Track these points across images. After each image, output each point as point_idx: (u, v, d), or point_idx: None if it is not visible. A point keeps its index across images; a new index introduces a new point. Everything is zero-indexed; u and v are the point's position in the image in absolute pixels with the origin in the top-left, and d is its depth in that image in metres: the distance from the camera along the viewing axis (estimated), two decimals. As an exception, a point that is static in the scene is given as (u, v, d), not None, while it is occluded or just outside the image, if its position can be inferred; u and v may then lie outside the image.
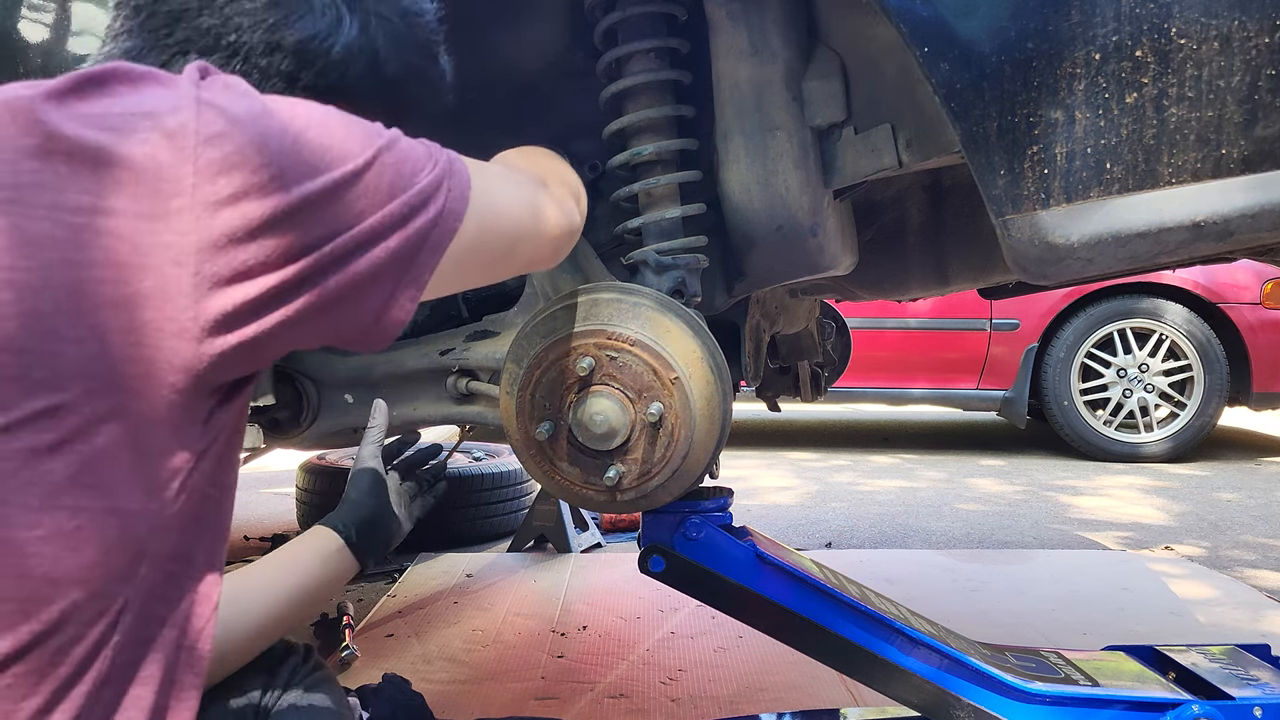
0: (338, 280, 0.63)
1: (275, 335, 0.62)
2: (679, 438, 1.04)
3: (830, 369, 2.31)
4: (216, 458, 0.65)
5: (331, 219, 0.62)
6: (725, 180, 1.17)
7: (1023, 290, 1.99)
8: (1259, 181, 0.88)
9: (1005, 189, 0.95)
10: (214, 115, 0.60)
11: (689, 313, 1.07)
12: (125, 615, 0.61)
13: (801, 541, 3.13)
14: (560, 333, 1.05)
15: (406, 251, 0.67)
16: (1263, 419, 5.90)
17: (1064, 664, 1.25)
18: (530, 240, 0.83)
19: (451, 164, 0.71)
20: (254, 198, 0.59)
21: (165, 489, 0.61)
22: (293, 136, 0.62)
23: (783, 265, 1.22)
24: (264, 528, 3.30)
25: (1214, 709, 1.13)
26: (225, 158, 0.59)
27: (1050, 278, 1.00)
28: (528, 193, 0.83)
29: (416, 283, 0.68)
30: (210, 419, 0.63)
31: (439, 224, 0.68)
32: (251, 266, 0.60)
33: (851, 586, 1.23)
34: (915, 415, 6.48)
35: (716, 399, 1.06)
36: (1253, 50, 0.86)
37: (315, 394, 1.39)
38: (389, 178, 0.66)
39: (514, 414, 1.09)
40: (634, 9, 1.14)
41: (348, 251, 0.63)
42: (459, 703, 1.74)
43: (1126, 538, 3.18)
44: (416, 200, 0.67)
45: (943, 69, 0.93)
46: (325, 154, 0.63)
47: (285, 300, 0.62)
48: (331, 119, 0.66)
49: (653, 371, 1.03)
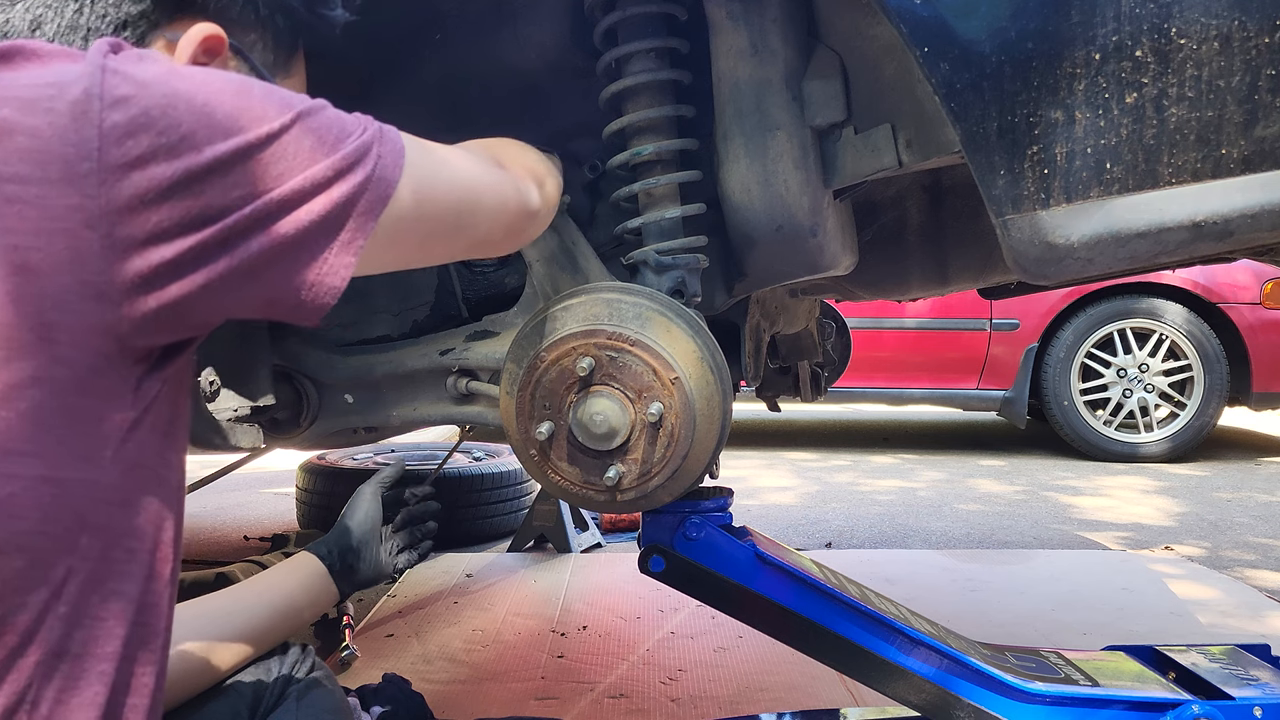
0: (260, 244, 0.63)
1: (198, 298, 0.62)
2: (679, 437, 1.04)
3: (830, 369, 2.31)
4: (156, 430, 0.65)
5: (248, 181, 0.62)
6: (725, 180, 1.17)
7: (1023, 290, 1.99)
8: (1259, 181, 0.88)
9: (1005, 189, 0.95)
10: (119, 80, 0.60)
11: (689, 313, 1.07)
12: (69, 585, 0.61)
13: (801, 541, 3.13)
14: (560, 333, 1.05)
15: (334, 216, 0.65)
16: (1263, 419, 5.90)
17: (1064, 664, 1.25)
18: (479, 218, 0.82)
19: (383, 132, 0.70)
20: (162, 160, 0.59)
21: (99, 456, 0.61)
22: (203, 99, 0.61)
23: (783, 265, 1.22)
24: (264, 528, 3.30)
25: (1214, 709, 1.13)
26: (131, 120, 0.59)
27: (1050, 278, 1.00)
28: (478, 170, 0.82)
29: (349, 248, 0.66)
30: (141, 386, 0.63)
31: (368, 189, 0.67)
32: (166, 228, 0.60)
33: (851, 586, 1.23)
34: (915, 415, 6.48)
35: (716, 399, 1.06)
36: (1253, 50, 0.86)
37: (315, 394, 1.39)
38: (310, 141, 0.65)
39: (514, 414, 1.09)
40: (634, 9, 1.14)
41: (268, 214, 0.63)
42: (459, 703, 1.74)
43: (1126, 538, 3.18)
44: (342, 164, 0.66)
45: (943, 69, 0.93)
46: (239, 117, 0.62)
47: (204, 263, 0.61)
48: (249, 86, 0.65)
49: (653, 371, 1.03)
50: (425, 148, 0.76)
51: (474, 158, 0.84)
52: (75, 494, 0.61)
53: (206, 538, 3.26)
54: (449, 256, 0.85)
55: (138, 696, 0.66)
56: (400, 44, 1.27)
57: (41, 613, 0.60)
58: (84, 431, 0.60)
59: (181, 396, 0.70)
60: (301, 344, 1.38)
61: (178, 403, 0.69)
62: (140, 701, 0.66)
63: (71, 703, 0.61)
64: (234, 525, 3.43)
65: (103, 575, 0.63)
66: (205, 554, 2.95)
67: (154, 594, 0.67)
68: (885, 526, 3.37)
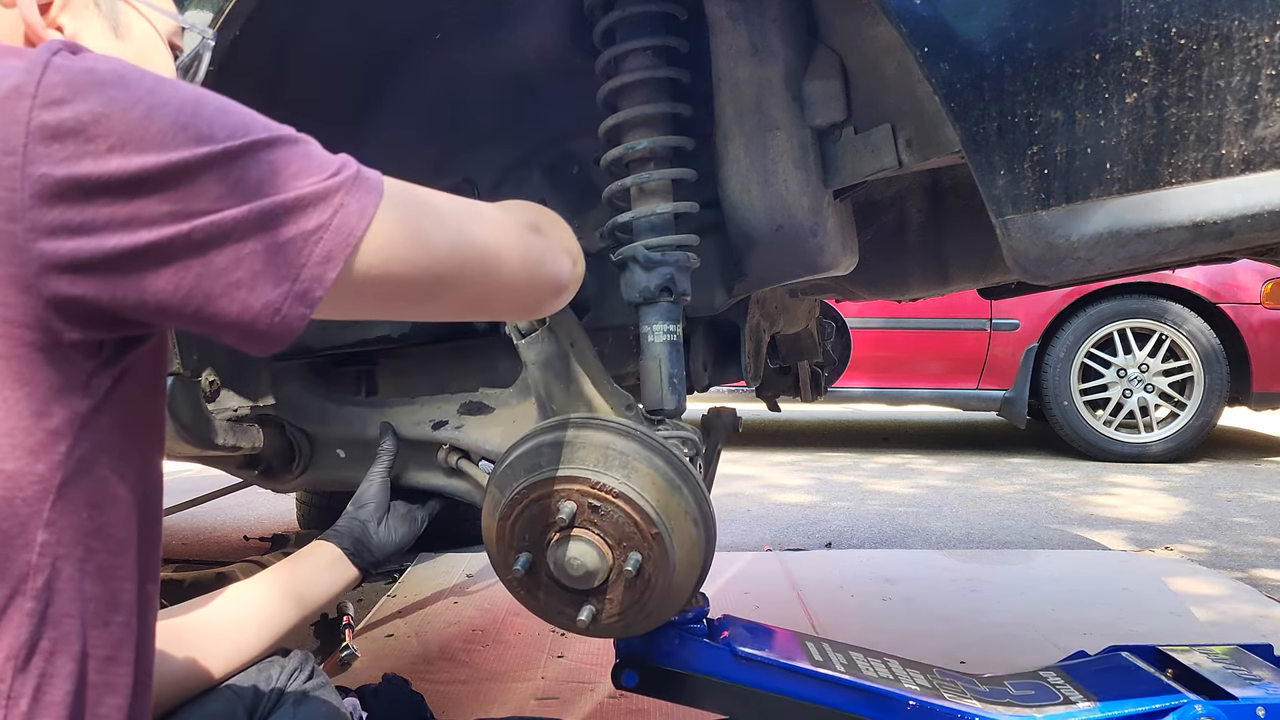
0: (199, 268, 0.60)
1: (120, 302, 0.60)
2: (656, 586, 1.06)
3: (830, 369, 2.31)
4: (116, 427, 0.65)
5: (179, 198, 0.59)
6: (725, 180, 1.17)
7: (1023, 290, 1.99)
8: (1259, 181, 0.88)
9: (1005, 189, 0.95)
10: (58, 79, 0.58)
11: (678, 460, 1.06)
12: (31, 581, 0.61)
13: (801, 541, 3.13)
14: (544, 471, 1.06)
15: (282, 260, 0.62)
16: (1263, 419, 5.90)
17: (1063, 684, 1.25)
18: (494, 281, 0.77)
19: (357, 181, 0.65)
20: (89, 161, 0.58)
21: (51, 451, 0.61)
22: (145, 109, 0.59)
23: (783, 265, 1.22)
24: (264, 528, 3.30)
25: (1217, 709, 1.13)
26: (60, 122, 0.57)
27: (1050, 278, 1.00)
28: (507, 231, 0.78)
29: (304, 300, 0.62)
30: (92, 381, 0.63)
31: (322, 238, 0.62)
32: (87, 225, 0.58)
33: (838, 656, 1.24)
34: (915, 415, 6.48)
35: (698, 550, 1.07)
36: (1253, 50, 0.86)
37: (307, 446, 1.43)
38: (260, 174, 0.61)
39: (494, 538, 1.11)
40: (632, 8, 1.14)
41: (207, 239, 0.60)
42: (459, 703, 1.74)
43: (1127, 537, 3.18)
44: (293, 204, 0.62)
45: (943, 69, 0.93)
46: (180, 132, 0.59)
47: (126, 270, 0.59)
48: (205, 103, 0.62)
49: (634, 523, 1.04)
50: (419, 201, 0.71)
51: (507, 218, 0.80)
52: (24, 488, 0.60)
53: (206, 538, 3.26)
54: (445, 315, 0.81)
55: (117, 696, 0.66)
56: (400, 44, 1.27)
57: (4, 609, 0.60)
58: (29, 426, 0.60)
59: (147, 394, 0.69)
60: (298, 391, 1.40)
61: (142, 401, 0.68)
62: (119, 701, 0.66)
63: (45, 700, 0.61)
64: (234, 525, 3.43)
65: (70, 574, 0.62)
66: (205, 554, 2.95)
67: (128, 594, 0.67)
68: (885, 526, 3.37)
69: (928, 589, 2.50)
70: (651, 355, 1.14)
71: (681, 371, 1.15)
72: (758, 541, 3.13)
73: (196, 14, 1.03)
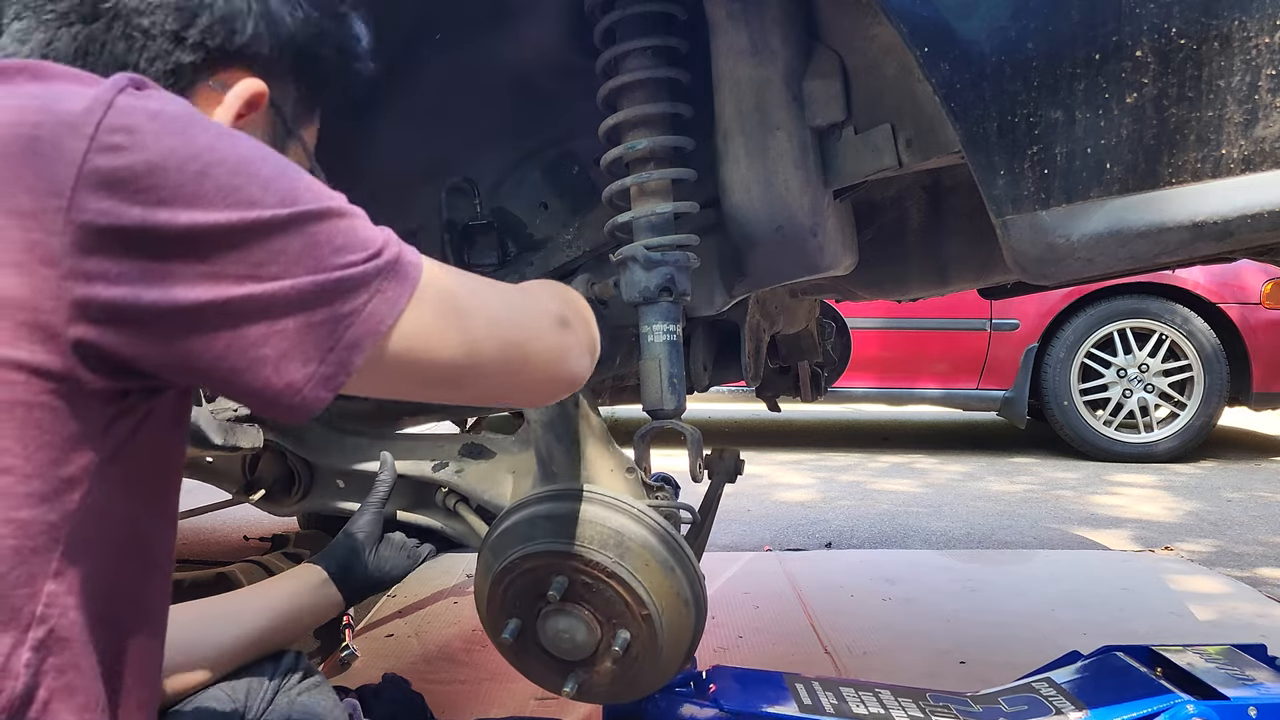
0: (229, 339, 0.59)
1: (147, 357, 0.59)
2: (644, 662, 1.06)
3: (830, 369, 2.31)
4: (129, 477, 0.63)
5: (220, 262, 0.58)
6: (725, 180, 1.17)
7: (1023, 290, 1.99)
8: (1259, 181, 0.88)
9: (1005, 189, 0.95)
10: (120, 122, 0.57)
11: (673, 540, 1.06)
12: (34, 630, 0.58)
13: (802, 541, 3.13)
14: (539, 543, 1.06)
15: (312, 340, 0.60)
16: (1263, 419, 5.90)
17: (1055, 695, 1.25)
18: (512, 379, 0.75)
19: (396, 266, 0.64)
20: (135, 211, 0.56)
21: (63, 501, 0.58)
22: (202, 165, 0.58)
23: (783, 265, 1.22)
24: (264, 528, 3.29)
25: (1209, 709, 1.13)
26: (114, 170, 0.56)
27: (1050, 278, 1.00)
28: (542, 326, 0.76)
29: (328, 383, 0.61)
30: (110, 428, 0.60)
31: (354, 323, 0.61)
32: (121, 277, 0.56)
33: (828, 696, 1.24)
34: (915, 415, 6.47)
35: (687, 631, 1.08)
36: (1253, 50, 0.86)
37: (307, 475, 1.45)
38: (304, 246, 0.60)
39: (485, 601, 1.11)
40: (632, 8, 1.13)
41: (241, 311, 0.58)
42: (459, 703, 1.74)
43: (1127, 537, 3.18)
44: (331, 286, 0.60)
45: (943, 69, 0.93)
46: (233, 193, 0.58)
47: (158, 326, 0.58)
48: (264, 163, 0.61)
49: (625, 603, 1.04)
50: (453, 289, 0.69)
51: (538, 311, 0.78)
52: (36, 538, 0.58)
53: (206, 538, 3.26)
54: (465, 402, 0.81)
55: None
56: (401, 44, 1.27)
57: (6, 661, 0.57)
58: (45, 474, 0.57)
59: (167, 439, 0.67)
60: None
61: (161, 446, 0.66)
62: None
63: None
64: (234, 525, 3.43)
65: (75, 625, 0.60)
66: (205, 554, 2.95)
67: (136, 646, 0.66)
68: (885, 526, 3.37)
69: (928, 589, 2.50)
70: (651, 355, 1.14)
71: (681, 371, 1.15)
72: (758, 541, 3.13)
73: None
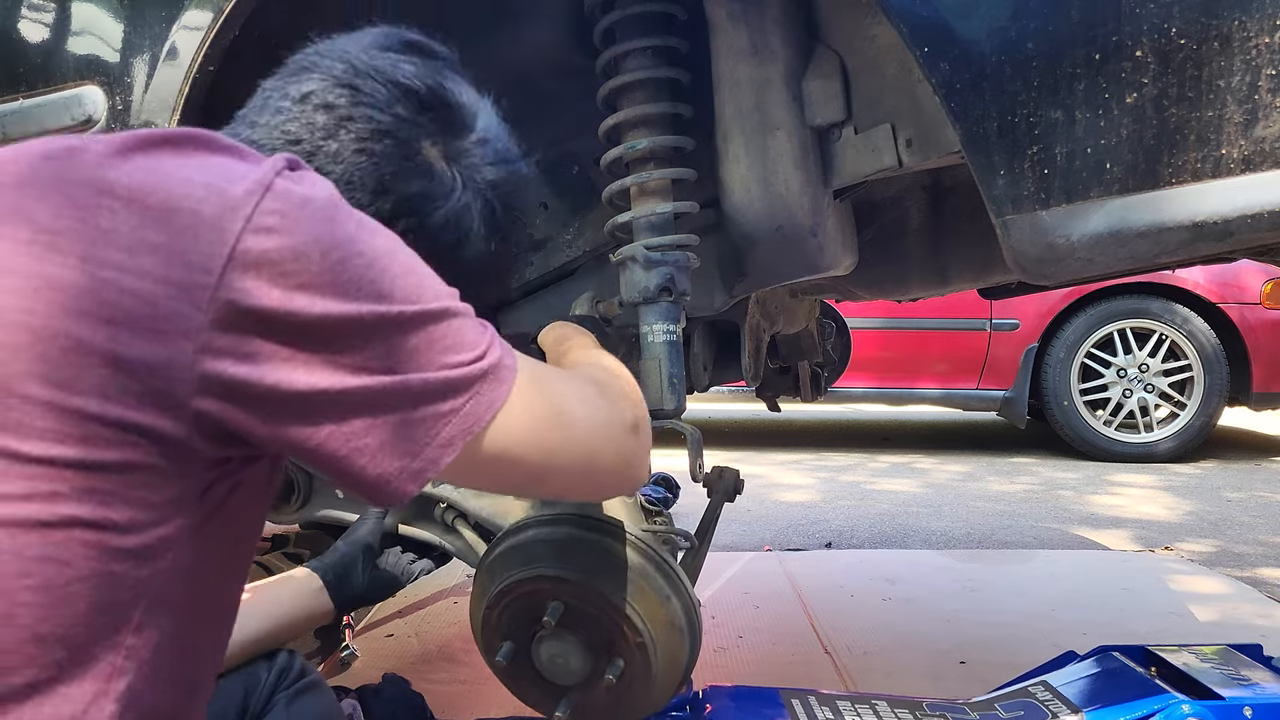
0: (333, 427, 0.61)
1: (255, 432, 0.61)
2: (637, 690, 1.06)
3: (830, 369, 2.31)
4: (215, 540, 0.65)
5: (342, 351, 0.61)
6: (725, 180, 1.17)
7: (1023, 290, 1.99)
8: (1259, 181, 0.88)
9: (1005, 189, 0.95)
10: (275, 206, 0.60)
11: (670, 570, 1.05)
12: (115, 682, 0.60)
13: (802, 541, 3.13)
14: (534, 568, 1.05)
15: (408, 436, 0.63)
16: (1263, 419, 5.90)
17: (1051, 699, 1.25)
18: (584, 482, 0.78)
19: (496, 370, 0.66)
20: (275, 294, 0.59)
21: (155, 559, 0.60)
22: (342, 255, 0.61)
23: (783, 265, 1.22)
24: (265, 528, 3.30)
25: (1204, 709, 1.13)
26: (263, 251, 0.59)
27: (1050, 278, 1.00)
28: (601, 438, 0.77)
29: (416, 478, 0.64)
30: (207, 493, 0.63)
31: (450, 422, 0.64)
32: (251, 356, 0.59)
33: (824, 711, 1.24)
34: (915, 415, 6.47)
35: (681, 659, 1.07)
36: (1253, 50, 0.86)
37: (307, 483, 1.45)
38: (418, 344, 0.63)
39: (480, 623, 1.11)
40: (632, 8, 1.14)
41: (351, 404, 0.61)
42: (459, 703, 1.74)
43: (1127, 537, 3.18)
44: (437, 387, 0.63)
45: (943, 69, 0.93)
46: (366, 285, 0.61)
47: (273, 405, 0.60)
48: (396, 259, 0.64)
49: (620, 632, 1.03)
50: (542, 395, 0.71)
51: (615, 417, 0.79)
52: (124, 593, 0.59)
53: (206, 538, 3.26)
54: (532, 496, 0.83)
55: None
56: (400, 44, 1.26)
57: (87, 710, 0.58)
58: (144, 531, 0.59)
59: (253, 506, 0.69)
60: None
61: (246, 512, 0.68)
62: None
63: None
64: (234, 525, 3.43)
65: (148, 680, 0.61)
66: (205, 554, 2.95)
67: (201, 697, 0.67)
68: (885, 526, 3.37)
69: (928, 589, 2.50)
70: (651, 355, 1.13)
71: (681, 371, 1.15)
72: (758, 541, 3.13)
73: None
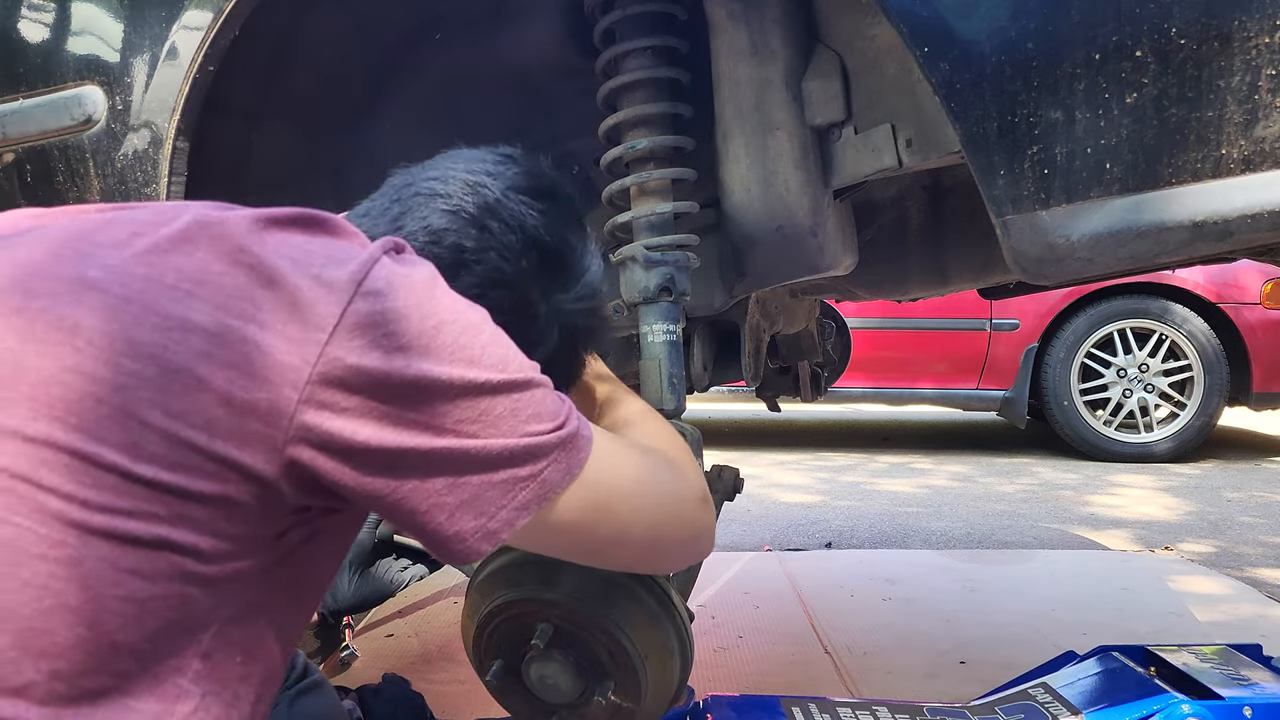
0: (416, 483, 0.65)
1: (341, 483, 0.64)
2: (626, 711, 1.05)
3: (830, 369, 2.31)
4: (285, 585, 0.68)
5: (434, 413, 0.65)
6: (725, 180, 1.17)
7: (1023, 290, 1.99)
8: (1259, 181, 0.88)
9: (1005, 189, 0.95)
10: (382, 274, 0.65)
11: (661, 590, 1.05)
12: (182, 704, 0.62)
13: (801, 541, 3.13)
14: (525, 589, 1.04)
15: (486, 498, 0.67)
16: (1263, 419, 5.90)
17: (1052, 701, 1.25)
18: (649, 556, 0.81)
19: (573, 440, 0.70)
20: (376, 355, 0.63)
21: (229, 593, 0.63)
22: (438, 321, 0.66)
23: (783, 265, 1.22)
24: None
25: (1204, 709, 1.13)
26: (369, 314, 0.64)
27: (1050, 278, 1.00)
28: (669, 513, 0.80)
29: (490, 538, 0.67)
30: (284, 537, 0.66)
31: (528, 487, 0.68)
32: (348, 411, 0.63)
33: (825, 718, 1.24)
34: (915, 415, 6.47)
35: (672, 680, 1.07)
36: (1253, 50, 0.86)
37: None
38: (504, 411, 0.67)
39: (471, 639, 1.10)
40: (632, 8, 1.14)
41: (436, 464, 0.65)
42: (459, 703, 1.74)
43: (1128, 537, 3.18)
44: (518, 453, 0.67)
45: (943, 69, 0.93)
46: (459, 351, 0.66)
47: (363, 460, 0.64)
48: (484, 331, 0.69)
49: (610, 654, 1.03)
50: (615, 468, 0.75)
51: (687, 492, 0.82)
52: (194, 619, 0.62)
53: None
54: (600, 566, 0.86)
55: None
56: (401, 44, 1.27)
57: None
58: (221, 563, 0.62)
59: (327, 557, 0.72)
60: None
61: (319, 561, 0.71)
62: None
63: None
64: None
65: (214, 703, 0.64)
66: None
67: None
68: (885, 526, 3.37)
69: (928, 589, 2.49)
70: (651, 355, 1.13)
71: (681, 371, 1.15)
72: (758, 541, 3.13)
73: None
